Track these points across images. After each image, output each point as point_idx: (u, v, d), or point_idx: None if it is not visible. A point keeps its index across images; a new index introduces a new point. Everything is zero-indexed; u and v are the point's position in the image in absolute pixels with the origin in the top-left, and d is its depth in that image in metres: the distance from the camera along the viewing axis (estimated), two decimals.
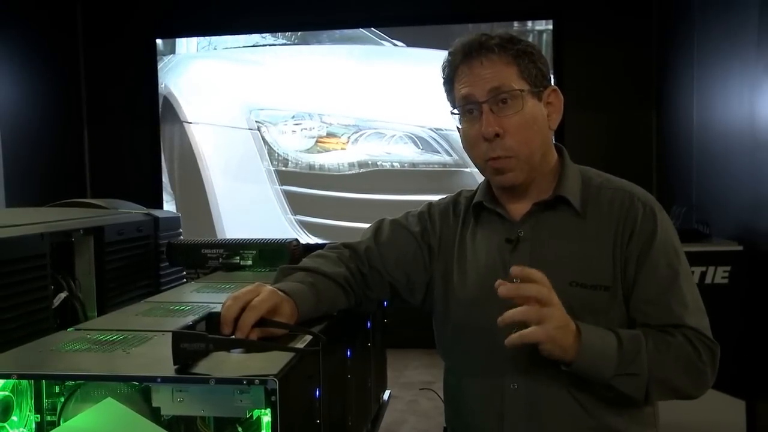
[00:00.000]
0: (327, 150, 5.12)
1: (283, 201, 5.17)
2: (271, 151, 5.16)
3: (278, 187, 5.17)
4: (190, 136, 5.26)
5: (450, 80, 1.33)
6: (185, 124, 5.26)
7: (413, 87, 4.94)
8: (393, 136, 5.04)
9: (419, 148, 5.00)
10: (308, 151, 5.14)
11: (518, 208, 1.34)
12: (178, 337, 1.03)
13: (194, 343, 1.03)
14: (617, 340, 1.18)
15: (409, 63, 5.00)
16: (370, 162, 5.08)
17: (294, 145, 5.15)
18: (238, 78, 5.19)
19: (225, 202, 5.27)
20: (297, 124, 5.14)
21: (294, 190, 5.16)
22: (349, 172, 5.10)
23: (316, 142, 5.13)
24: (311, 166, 5.14)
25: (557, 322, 1.13)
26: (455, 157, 4.94)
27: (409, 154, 5.03)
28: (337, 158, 5.11)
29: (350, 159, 5.10)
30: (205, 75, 5.24)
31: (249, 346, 1.11)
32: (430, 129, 4.97)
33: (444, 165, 4.99)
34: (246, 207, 5.24)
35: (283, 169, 5.16)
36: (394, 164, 5.05)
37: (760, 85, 3.00)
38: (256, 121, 5.16)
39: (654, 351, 1.19)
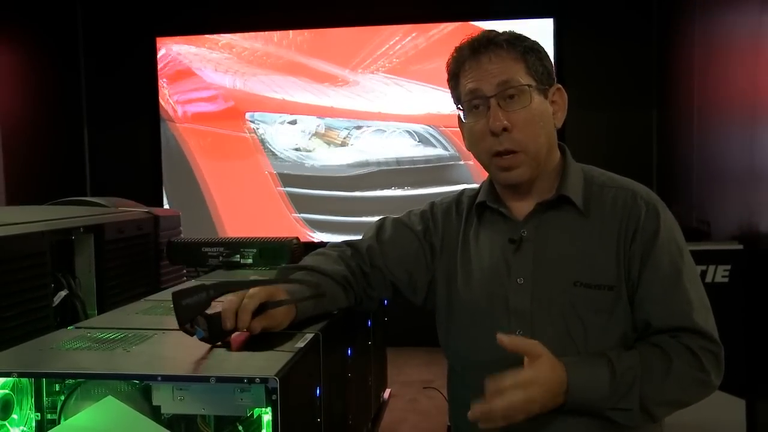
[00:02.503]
0: (327, 147, 5.12)
1: (285, 198, 5.18)
2: (270, 149, 5.16)
3: (280, 187, 5.18)
4: (189, 134, 5.26)
5: (456, 76, 1.32)
6: (180, 124, 5.26)
7: (412, 85, 4.95)
8: (393, 131, 5.04)
9: (417, 141, 5.00)
10: (307, 148, 5.14)
11: (521, 208, 1.34)
12: (178, 295, 1.06)
13: (194, 295, 1.07)
14: (611, 374, 1.18)
15: (407, 60, 5.01)
16: (370, 160, 5.08)
17: (292, 143, 5.15)
18: (235, 73, 5.18)
19: (225, 201, 5.27)
20: (293, 123, 5.13)
21: (294, 190, 5.17)
22: (349, 172, 5.10)
23: (316, 139, 5.12)
24: (311, 165, 5.14)
25: (537, 408, 1.15)
26: (451, 151, 4.95)
27: (408, 150, 5.03)
28: (336, 156, 5.11)
29: (350, 157, 5.10)
30: (200, 70, 5.24)
31: (248, 285, 1.16)
32: (429, 126, 4.96)
33: (440, 159, 4.99)
34: (247, 205, 5.25)
35: (282, 164, 5.16)
36: (392, 160, 5.05)
37: (760, 83, 3.00)
38: (256, 119, 5.16)
39: (656, 378, 1.19)
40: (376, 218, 1.50)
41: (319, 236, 5.10)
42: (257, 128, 5.17)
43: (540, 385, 1.15)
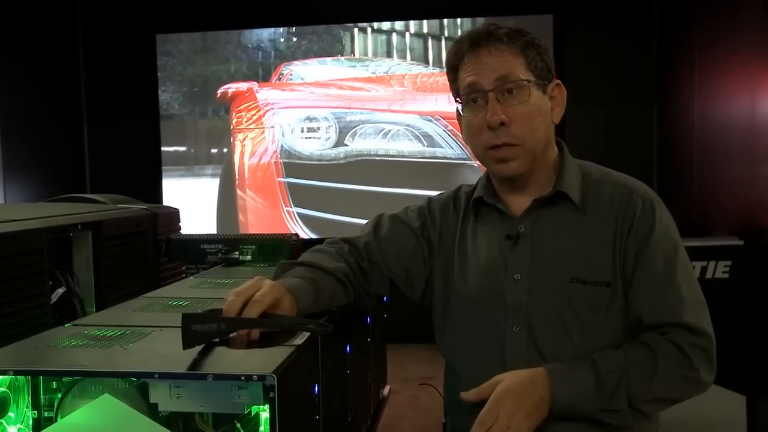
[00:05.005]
0: (331, 145, 5.07)
1: (286, 193, 5.14)
2: (273, 144, 5.11)
3: (282, 180, 5.14)
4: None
5: (455, 68, 1.32)
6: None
7: (413, 80, 4.94)
8: (390, 131, 5.00)
9: (422, 143, 4.97)
10: (307, 140, 5.09)
11: (518, 204, 1.33)
12: (189, 319, 1.03)
13: (205, 324, 1.04)
14: (596, 377, 1.19)
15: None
16: (371, 153, 5.03)
17: (298, 139, 5.11)
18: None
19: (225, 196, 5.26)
20: (306, 119, 5.09)
21: (295, 181, 5.13)
22: (345, 161, 5.05)
23: (316, 132, 5.09)
24: (313, 157, 5.09)
25: (525, 422, 1.17)
26: (456, 149, 4.91)
27: (413, 147, 4.98)
28: (338, 150, 5.06)
29: (351, 151, 5.05)
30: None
31: (261, 326, 1.11)
32: (432, 120, 4.93)
33: (447, 158, 4.95)
34: (245, 202, 5.22)
35: (286, 161, 5.12)
36: (393, 156, 5.01)
37: (761, 79, 2.99)
38: (260, 108, 5.13)
39: (642, 377, 1.19)
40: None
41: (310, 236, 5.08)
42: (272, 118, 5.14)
43: (505, 404, 1.17)
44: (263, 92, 5.18)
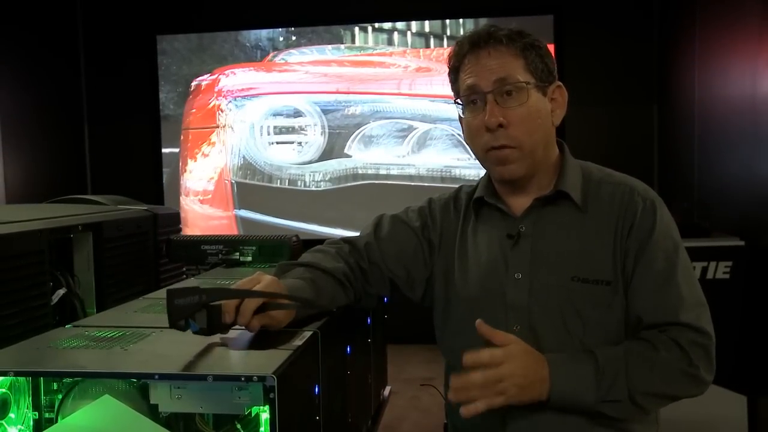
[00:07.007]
0: (317, 155, 4.78)
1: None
2: (231, 154, 4.86)
3: (237, 212, 4.78)
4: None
5: (456, 70, 1.32)
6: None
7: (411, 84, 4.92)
8: (416, 132, 4.76)
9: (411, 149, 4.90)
10: (279, 147, 4.78)
11: (519, 203, 1.34)
12: (172, 293, 1.06)
13: (187, 297, 1.07)
14: (594, 367, 1.18)
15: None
16: (382, 171, 4.71)
17: (266, 147, 4.81)
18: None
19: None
20: (279, 114, 4.87)
21: (257, 218, 4.65)
22: (339, 186, 4.73)
23: (297, 133, 4.88)
24: (289, 177, 4.70)
25: (515, 389, 1.15)
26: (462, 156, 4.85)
27: (455, 159, 4.74)
28: (328, 165, 4.75)
29: (352, 167, 4.73)
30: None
31: (242, 296, 1.13)
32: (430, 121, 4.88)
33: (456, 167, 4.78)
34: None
35: (244, 181, 4.72)
36: (422, 176, 4.72)
37: (762, 79, 2.99)
38: (218, 98, 5.03)
39: (642, 369, 1.19)
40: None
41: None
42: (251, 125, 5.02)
43: (512, 361, 1.15)
44: (231, 77, 4.62)
